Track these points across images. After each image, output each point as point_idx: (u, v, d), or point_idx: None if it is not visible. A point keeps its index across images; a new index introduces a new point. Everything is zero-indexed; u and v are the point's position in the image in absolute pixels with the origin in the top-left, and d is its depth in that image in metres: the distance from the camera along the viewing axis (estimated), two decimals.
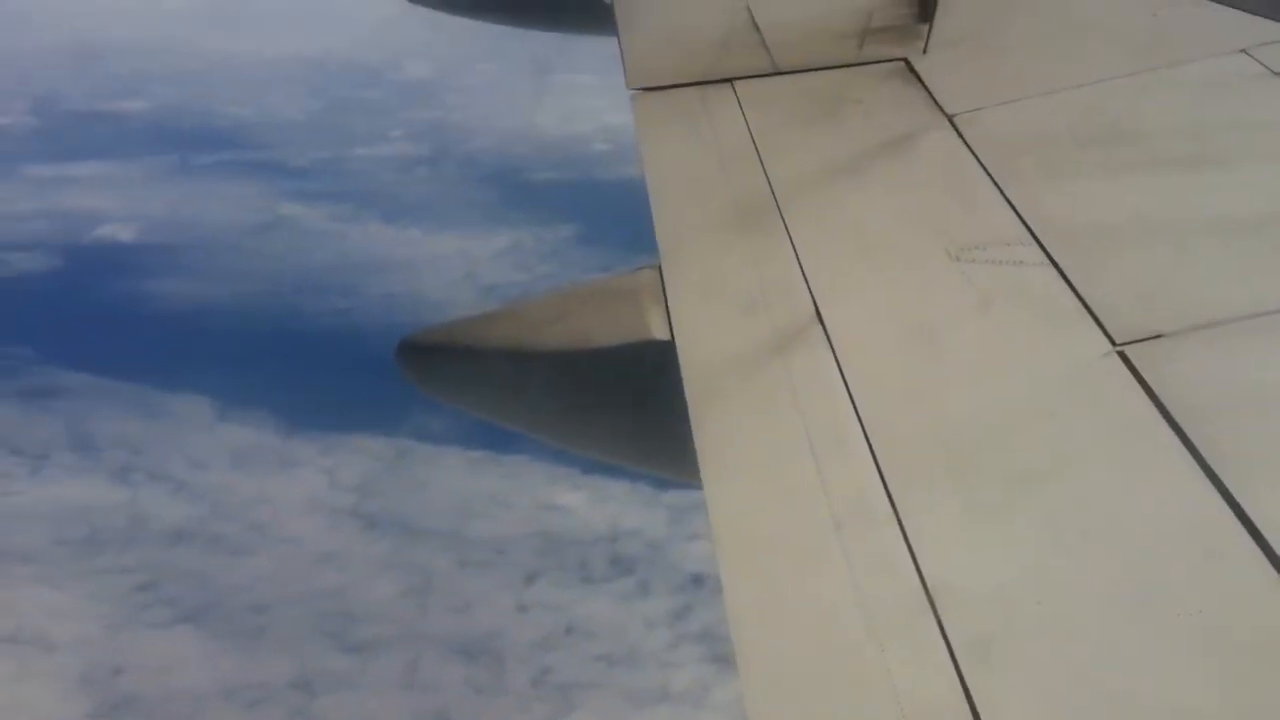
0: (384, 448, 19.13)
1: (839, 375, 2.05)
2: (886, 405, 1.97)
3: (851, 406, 1.97)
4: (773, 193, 2.69)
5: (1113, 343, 1.91)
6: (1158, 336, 1.90)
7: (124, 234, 34.14)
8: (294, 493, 18.35)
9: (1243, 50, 2.73)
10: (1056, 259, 2.18)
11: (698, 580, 15.10)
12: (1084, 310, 2.02)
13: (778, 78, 3.24)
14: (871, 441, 1.89)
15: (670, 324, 2.36)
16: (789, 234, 2.53)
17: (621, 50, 3.56)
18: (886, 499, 1.76)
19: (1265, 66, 2.65)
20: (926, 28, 3.21)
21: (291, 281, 31.44)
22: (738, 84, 3.23)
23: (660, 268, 2.54)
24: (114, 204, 35.31)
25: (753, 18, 3.54)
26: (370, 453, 19.25)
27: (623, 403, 2.62)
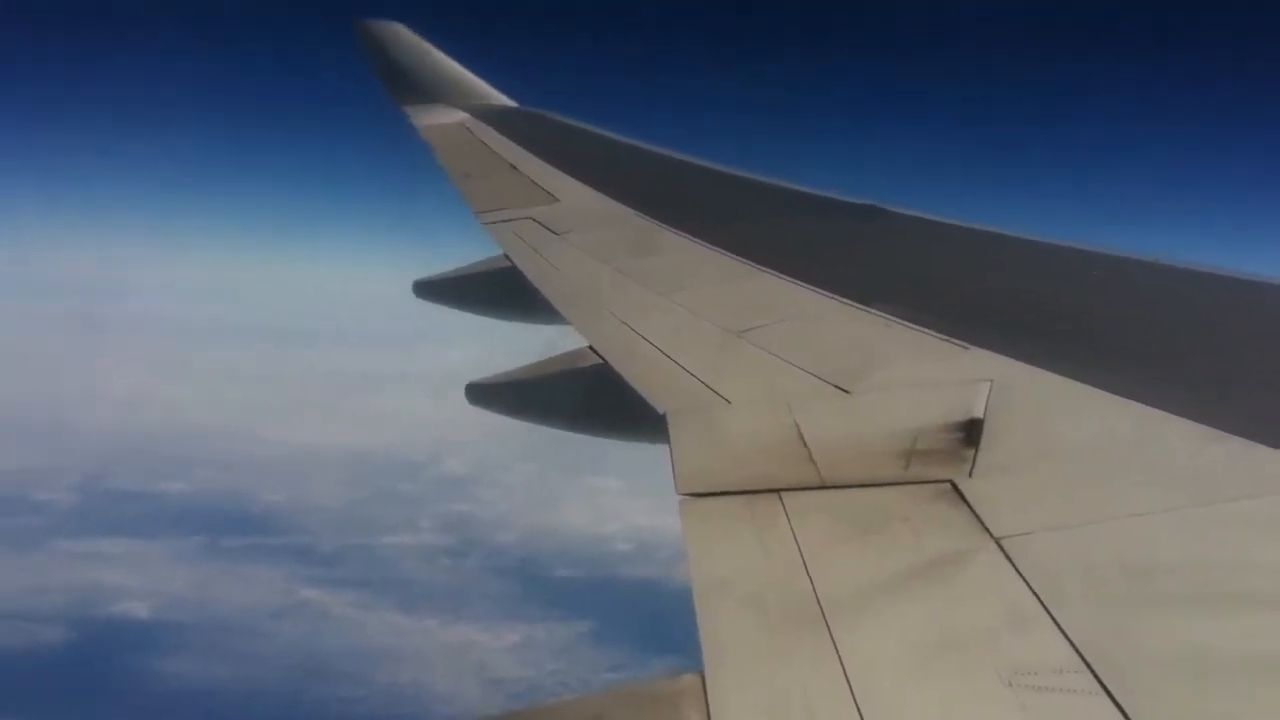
0: None
1: None
2: None
3: None
4: (820, 606, 2.64)
5: None
6: None
7: (140, 610, 33.91)
8: None
9: None
10: (1111, 689, 2.10)
11: None
12: None
13: (825, 491, 3.25)
14: None
15: None
16: (836, 649, 2.46)
17: (672, 456, 3.62)
18: None
19: None
20: (973, 452, 3.26)
21: (301, 667, 30.63)
22: (785, 495, 3.23)
23: (702, 674, 2.46)
24: (136, 581, 35.31)
25: (801, 434, 3.62)
26: None
27: None
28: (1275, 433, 3.06)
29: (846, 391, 3.95)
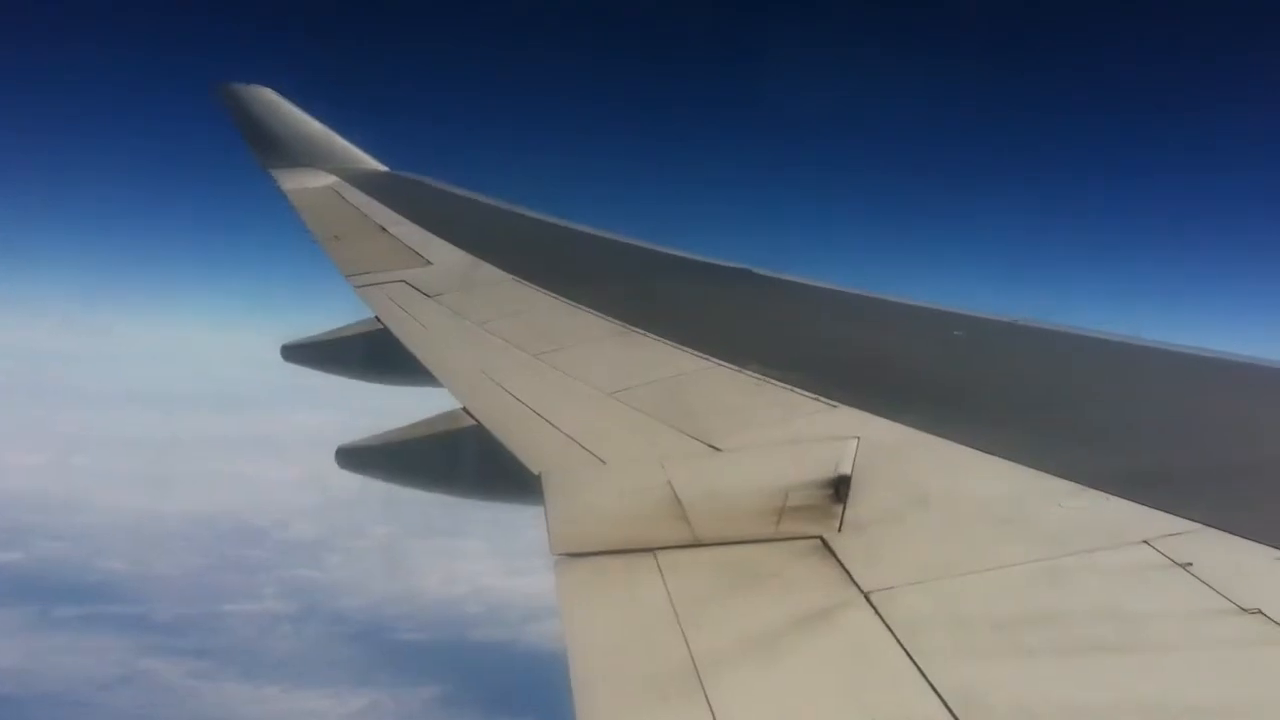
0: None
1: None
2: None
3: None
4: (695, 665, 2.60)
5: None
6: None
7: None
8: None
9: (1145, 541, 2.83)
10: None
11: None
12: None
13: (699, 549, 3.23)
14: None
15: None
16: (710, 708, 2.43)
17: (547, 517, 3.56)
18: None
19: (1167, 557, 2.73)
20: (841, 508, 3.29)
21: None
22: (660, 554, 3.20)
23: None
24: None
25: (675, 492, 3.60)
26: None
27: None
28: (1130, 485, 3.18)
29: (718, 450, 3.97)
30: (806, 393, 4.40)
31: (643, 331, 5.62)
